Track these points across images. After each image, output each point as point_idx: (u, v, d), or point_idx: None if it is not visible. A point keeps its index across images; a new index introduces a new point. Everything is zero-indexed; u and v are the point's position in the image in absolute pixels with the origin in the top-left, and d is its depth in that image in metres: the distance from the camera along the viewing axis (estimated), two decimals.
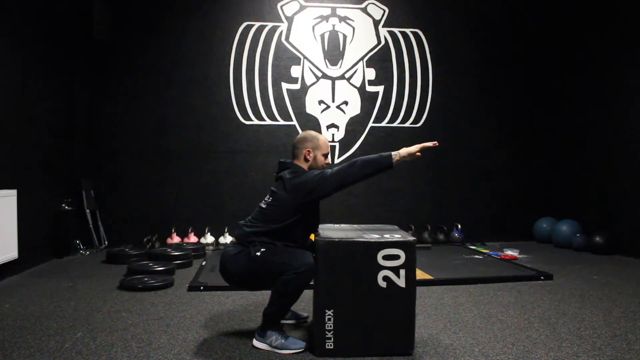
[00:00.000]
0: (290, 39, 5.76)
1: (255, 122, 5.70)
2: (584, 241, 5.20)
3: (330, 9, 5.83)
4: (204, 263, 4.45)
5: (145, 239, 5.16)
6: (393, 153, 2.28)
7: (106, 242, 5.35)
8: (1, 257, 3.59)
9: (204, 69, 5.64)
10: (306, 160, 2.47)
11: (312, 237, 2.49)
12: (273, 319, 2.32)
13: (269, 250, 2.30)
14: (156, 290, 3.46)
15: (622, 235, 4.98)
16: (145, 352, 2.27)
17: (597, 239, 5.01)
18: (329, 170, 2.34)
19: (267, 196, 2.46)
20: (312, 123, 5.75)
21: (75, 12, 5.20)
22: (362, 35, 5.86)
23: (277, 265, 2.23)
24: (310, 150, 2.46)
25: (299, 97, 5.77)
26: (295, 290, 2.24)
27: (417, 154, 2.32)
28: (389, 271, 2.21)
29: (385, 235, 2.30)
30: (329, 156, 2.54)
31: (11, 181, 3.86)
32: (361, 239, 2.24)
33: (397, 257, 2.21)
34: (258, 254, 2.27)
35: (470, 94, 6.04)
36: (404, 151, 2.29)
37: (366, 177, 2.32)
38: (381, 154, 2.31)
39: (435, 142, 2.35)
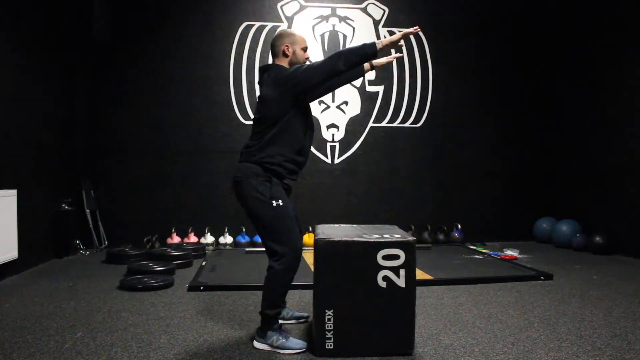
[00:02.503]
0: None
1: None
2: (584, 241, 5.19)
3: (330, 9, 5.83)
4: (204, 263, 4.45)
5: (145, 239, 5.16)
6: (376, 41, 2.26)
7: (106, 242, 5.35)
8: (1, 257, 3.59)
9: (204, 69, 5.64)
10: (285, 55, 2.45)
11: (312, 237, 2.49)
12: (269, 317, 2.32)
13: (284, 206, 2.31)
14: (156, 290, 3.46)
15: (622, 235, 4.97)
16: (145, 352, 2.27)
17: (597, 239, 5.01)
18: (314, 62, 2.34)
19: (257, 104, 2.47)
20: None
21: (75, 12, 5.20)
22: (362, 35, 5.84)
23: (277, 234, 2.28)
24: (289, 45, 2.44)
25: None
26: (280, 283, 2.31)
27: (400, 43, 2.31)
28: (389, 271, 2.22)
29: (385, 235, 2.30)
30: (308, 51, 2.52)
31: (11, 181, 3.86)
32: (361, 239, 2.24)
33: (397, 257, 2.21)
34: (278, 203, 2.30)
35: (470, 94, 6.04)
36: (387, 40, 2.28)
37: (353, 66, 2.31)
38: (365, 42, 2.29)
39: (417, 27, 2.35)
